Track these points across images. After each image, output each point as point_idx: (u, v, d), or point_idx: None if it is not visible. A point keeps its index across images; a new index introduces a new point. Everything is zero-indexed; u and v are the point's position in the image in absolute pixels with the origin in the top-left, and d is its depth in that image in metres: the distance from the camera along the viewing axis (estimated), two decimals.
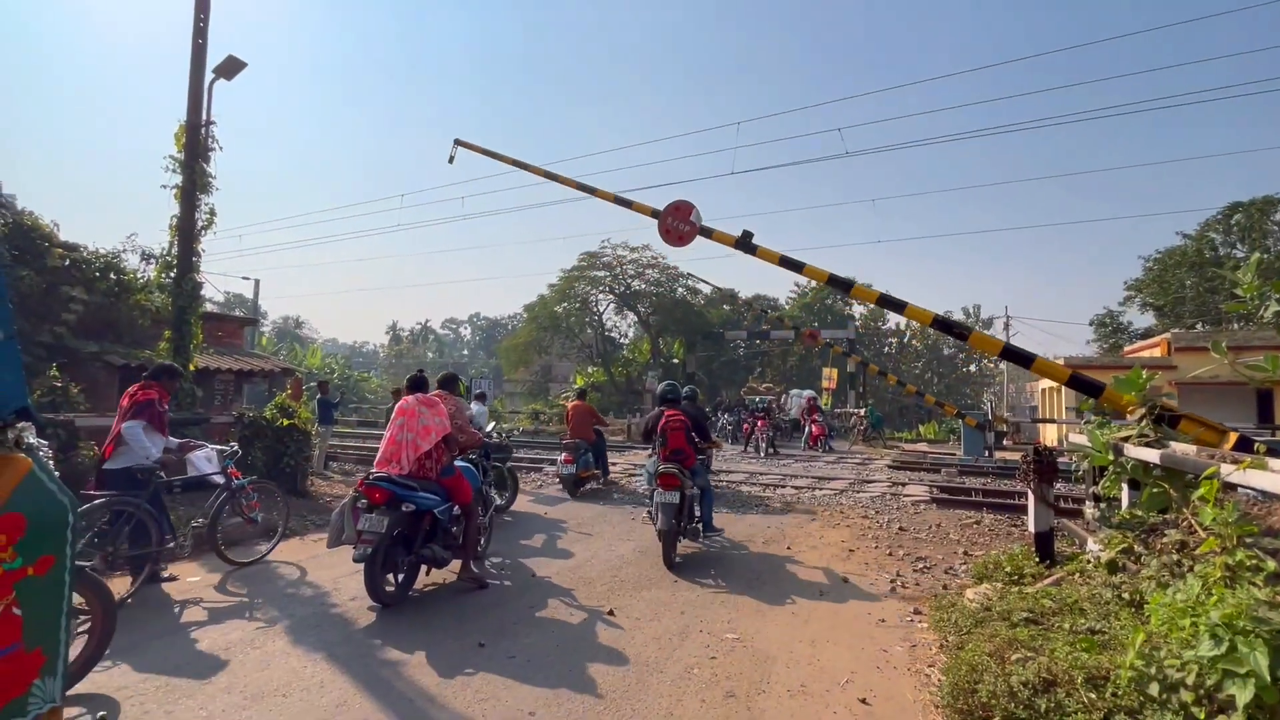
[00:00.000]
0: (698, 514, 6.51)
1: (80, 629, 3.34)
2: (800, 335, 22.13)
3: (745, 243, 8.30)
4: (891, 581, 5.65)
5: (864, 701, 3.41)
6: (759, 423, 17.26)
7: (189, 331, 9.48)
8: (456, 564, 5.22)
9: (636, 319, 35.11)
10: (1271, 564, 2.73)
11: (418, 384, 5.35)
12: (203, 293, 10.05)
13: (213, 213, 9.73)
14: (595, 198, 10.39)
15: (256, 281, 34.82)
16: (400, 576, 4.77)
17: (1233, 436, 4.49)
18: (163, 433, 5.32)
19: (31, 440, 1.46)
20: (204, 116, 9.57)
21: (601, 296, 34.29)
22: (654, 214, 9.00)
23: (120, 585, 4.64)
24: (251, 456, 8.70)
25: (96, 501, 4.60)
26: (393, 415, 5.04)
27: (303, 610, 4.61)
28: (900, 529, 7.87)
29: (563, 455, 9.77)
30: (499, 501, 7.79)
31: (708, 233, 8.55)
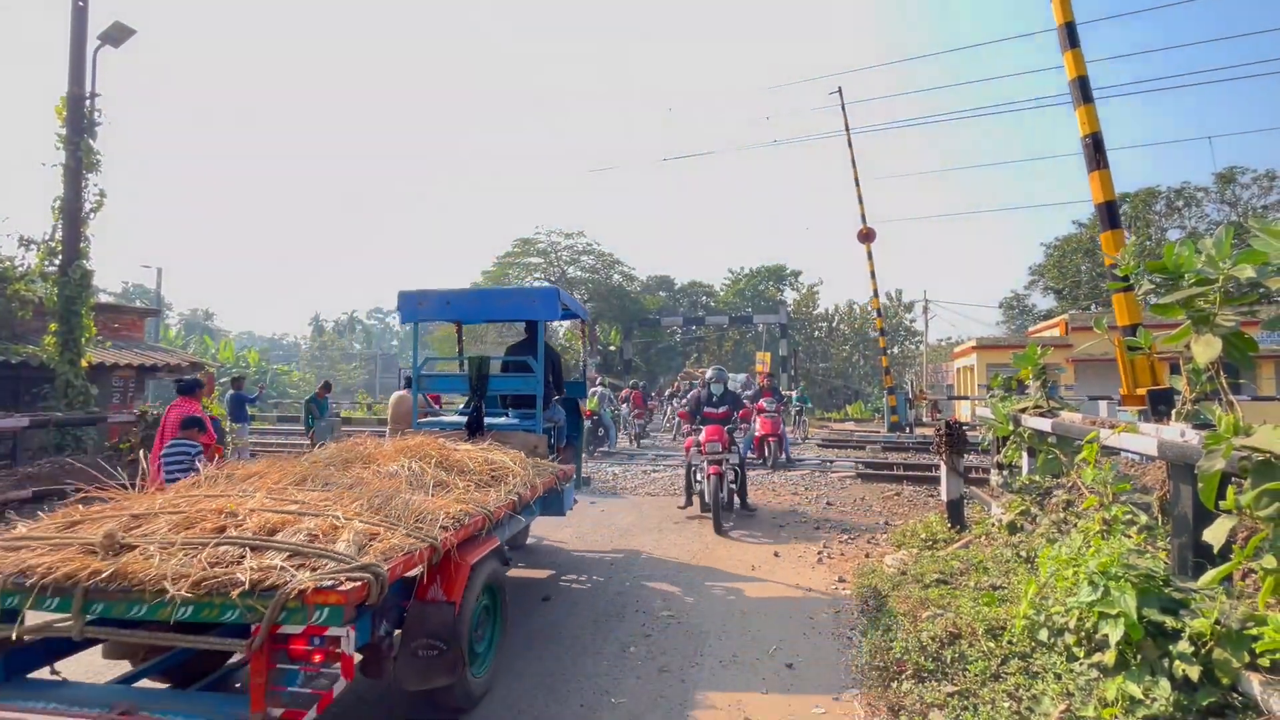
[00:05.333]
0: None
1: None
2: (860, 232, 21.00)
3: None
4: (819, 553, 5.91)
5: (790, 666, 3.57)
6: (705, 435, 7.19)
7: (78, 324, 8.70)
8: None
9: None
10: (1144, 517, 3.04)
11: None
12: (94, 281, 9.22)
13: (102, 194, 8.92)
14: None
15: (159, 270, 32.29)
16: None
17: (1162, 384, 5.40)
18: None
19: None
20: (89, 88, 8.72)
21: (537, 283, 33.83)
22: None
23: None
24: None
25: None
26: None
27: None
28: (828, 504, 8.23)
29: (633, 414, 17.17)
30: (610, 443, 13.60)
31: None
